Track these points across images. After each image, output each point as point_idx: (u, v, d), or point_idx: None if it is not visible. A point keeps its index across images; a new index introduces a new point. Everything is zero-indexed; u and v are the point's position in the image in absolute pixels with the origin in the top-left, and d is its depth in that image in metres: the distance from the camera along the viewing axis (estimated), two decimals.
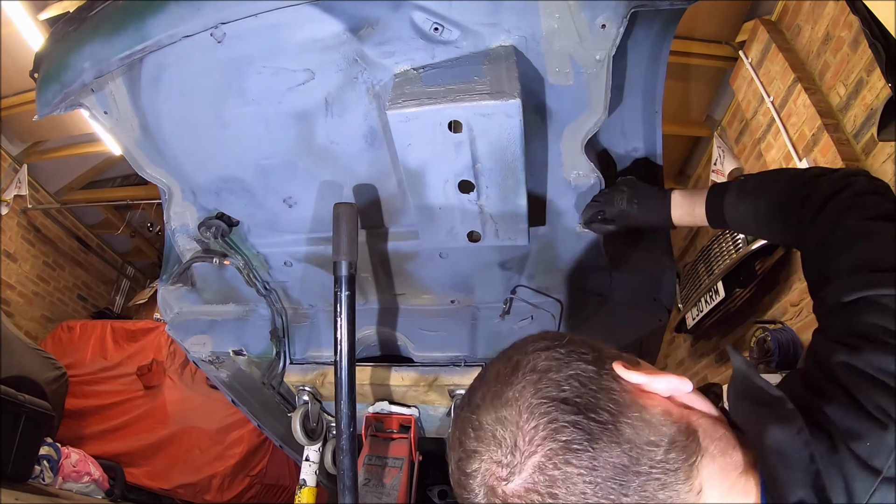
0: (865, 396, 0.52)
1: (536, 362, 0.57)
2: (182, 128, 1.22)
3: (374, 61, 1.04)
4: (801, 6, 2.99)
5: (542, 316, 1.49)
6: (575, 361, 0.56)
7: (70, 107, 1.20)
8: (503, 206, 1.12)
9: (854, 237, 0.70)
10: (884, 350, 0.54)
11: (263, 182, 1.29)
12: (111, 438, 4.05)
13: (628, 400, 0.55)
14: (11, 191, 4.98)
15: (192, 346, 1.69)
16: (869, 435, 0.51)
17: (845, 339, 0.58)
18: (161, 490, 3.87)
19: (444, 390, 1.49)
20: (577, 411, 0.52)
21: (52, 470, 2.98)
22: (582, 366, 0.56)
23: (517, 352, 0.60)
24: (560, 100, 1.09)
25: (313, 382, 1.60)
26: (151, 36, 1.02)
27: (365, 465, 1.57)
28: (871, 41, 1.29)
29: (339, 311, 1.19)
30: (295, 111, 1.13)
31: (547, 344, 0.59)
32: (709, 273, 3.67)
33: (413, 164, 1.05)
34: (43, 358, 2.99)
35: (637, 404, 0.55)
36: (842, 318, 0.61)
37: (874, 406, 0.52)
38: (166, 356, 4.35)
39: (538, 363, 0.56)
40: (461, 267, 1.48)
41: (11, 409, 2.28)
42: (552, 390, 0.54)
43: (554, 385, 0.54)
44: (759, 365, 3.17)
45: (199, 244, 1.55)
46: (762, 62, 3.17)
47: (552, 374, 0.55)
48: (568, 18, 0.95)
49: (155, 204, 5.35)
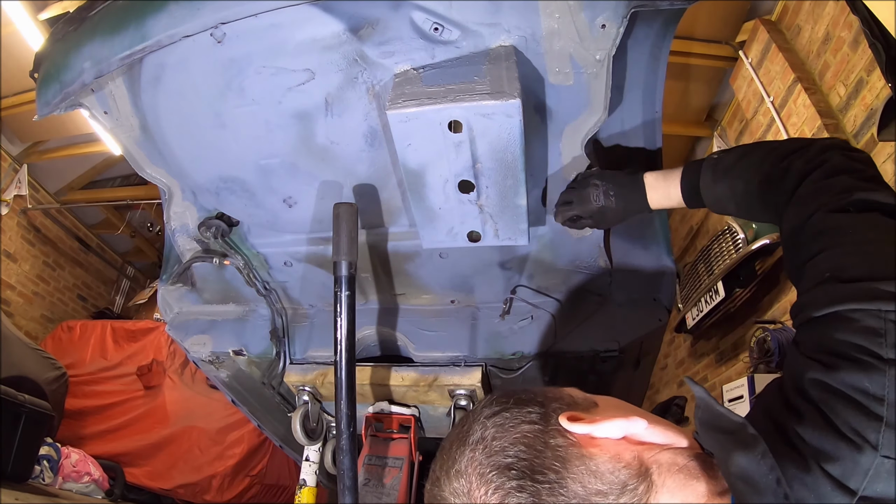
0: (838, 416, 0.51)
1: (483, 432, 0.58)
2: (182, 128, 1.22)
3: (374, 61, 1.04)
4: (801, 6, 2.99)
5: (542, 316, 1.49)
6: (521, 424, 0.58)
7: (70, 107, 1.20)
8: (503, 206, 1.12)
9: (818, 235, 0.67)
10: (856, 367, 0.52)
11: (263, 182, 1.29)
12: (111, 438, 4.05)
13: (574, 453, 0.55)
14: (11, 191, 4.98)
15: (192, 346, 1.69)
16: (843, 456, 0.49)
17: (817, 355, 0.56)
18: (161, 490, 3.87)
19: (444, 390, 1.49)
20: (521, 475, 0.54)
21: (52, 470, 2.98)
22: (526, 427, 0.57)
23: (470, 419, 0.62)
24: (560, 100, 1.09)
25: (313, 382, 1.60)
26: (151, 36, 1.02)
27: (365, 465, 1.57)
28: (871, 41, 1.30)
29: (339, 311, 1.19)
30: (295, 111, 1.13)
31: (494, 410, 0.60)
32: (709, 273, 3.68)
33: (413, 164, 1.05)
34: (43, 358, 2.99)
35: (584, 456, 0.55)
36: (813, 333, 0.59)
37: (847, 427, 0.50)
38: (166, 356, 4.35)
39: (485, 432, 0.58)
40: (461, 267, 1.48)
41: (11, 409, 2.28)
42: (498, 457, 0.55)
43: (499, 452, 0.56)
44: (759, 365, 3.17)
45: (199, 244, 1.56)
46: (762, 62, 3.18)
47: (497, 443, 0.57)
48: (568, 18, 0.95)
49: (155, 204, 5.35)
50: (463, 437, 0.60)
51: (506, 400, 0.61)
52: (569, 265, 1.43)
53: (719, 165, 0.96)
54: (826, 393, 0.53)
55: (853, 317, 0.55)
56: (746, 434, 0.53)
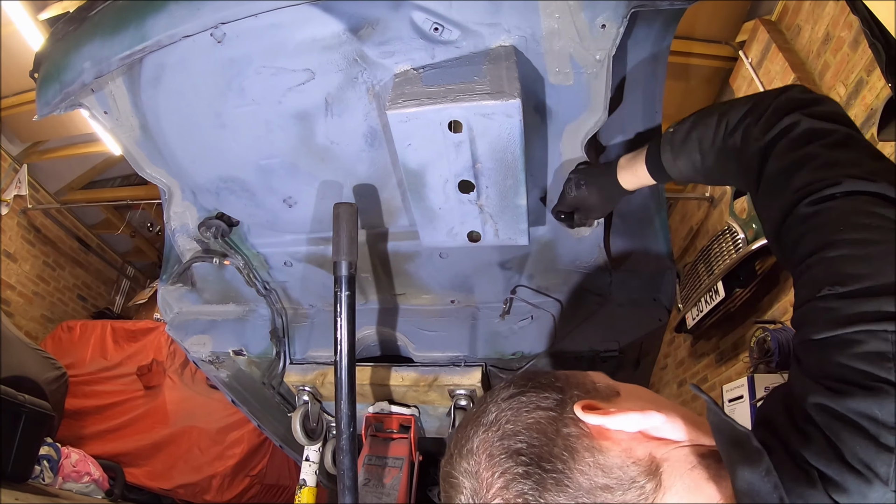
0: (845, 444, 0.48)
1: (499, 413, 0.58)
2: (182, 128, 1.22)
3: (374, 61, 1.04)
4: (801, 6, 2.99)
5: (542, 316, 1.49)
6: (535, 410, 0.58)
7: (70, 107, 1.20)
8: (503, 206, 1.12)
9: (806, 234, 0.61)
10: (864, 394, 0.48)
11: (263, 182, 1.29)
12: (111, 438, 4.05)
13: (585, 445, 0.55)
14: (11, 191, 4.98)
15: (192, 346, 1.69)
16: (850, 488, 0.47)
17: (821, 379, 0.52)
18: (161, 490, 3.87)
19: (444, 390, 1.49)
20: (528, 462, 0.54)
21: (52, 470, 2.98)
22: (541, 413, 0.57)
23: (487, 399, 0.62)
24: (560, 100, 1.09)
25: (313, 382, 1.60)
26: (151, 36, 1.02)
27: (365, 465, 1.57)
28: (871, 41, 1.29)
29: (339, 311, 1.19)
30: (295, 111, 1.13)
31: (511, 392, 0.60)
32: (709, 273, 3.67)
33: (413, 164, 1.05)
34: (43, 358, 2.99)
35: (593, 449, 0.55)
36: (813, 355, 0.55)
37: (855, 458, 0.47)
38: (166, 356, 4.36)
39: (500, 414, 0.58)
40: (461, 267, 1.48)
41: (11, 409, 2.28)
42: (509, 441, 0.56)
43: (511, 436, 0.56)
44: (759, 365, 3.17)
45: (199, 244, 1.56)
46: (762, 62, 3.18)
47: (510, 426, 0.57)
48: (568, 18, 0.95)
49: (155, 204, 5.35)
50: (479, 417, 0.60)
51: (524, 383, 0.61)
52: (569, 265, 1.43)
53: (675, 140, 0.94)
54: (831, 419, 0.49)
55: (857, 339, 0.51)
56: (751, 447, 0.51)
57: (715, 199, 4.20)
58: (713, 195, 4.20)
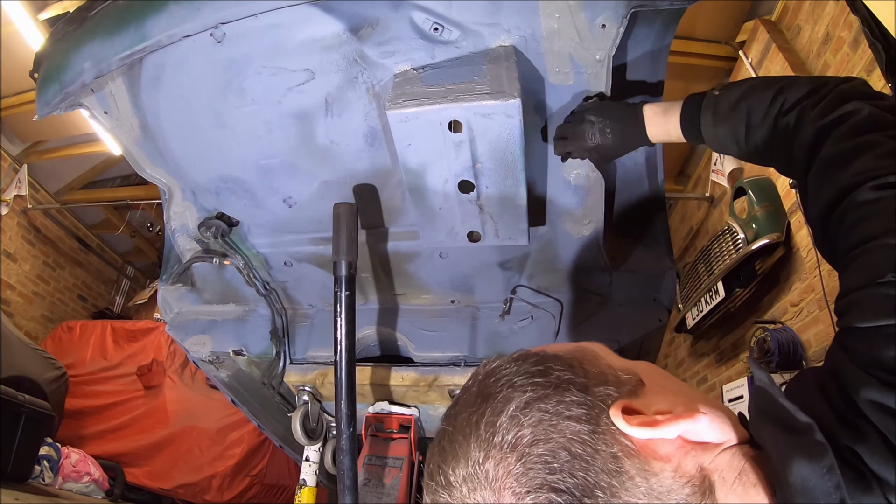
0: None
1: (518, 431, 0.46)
2: (182, 128, 1.22)
3: (374, 61, 1.04)
4: (801, 6, 2.99)
5: (542, 316, 1.49)
6: (564, 421, 0.46)
7: (70, 107, 1.20)
8: (503, 206, 1.12)
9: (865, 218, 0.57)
10: None
11: (263, 182, 1.29)
12: (111, 438, 4.05)
13: (634, 467, 0.45)
14: (11, 191, 4.98)
15: (192, 346, 1.69)
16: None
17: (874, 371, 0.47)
18: (161, 490, 3.87)
19: (444, 390, 1.49)
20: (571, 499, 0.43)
21: (52, 470, 2.98)
22: (573, 426, 0.46)
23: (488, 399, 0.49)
24: (560, 100, 1.09)
25: (313, 382, 1.60)
26: (151, 36, 1.02)
27: (365, 465, 1.58)
28: (871, 41, 1.29)
29: (339, 311, 1.19)
30: (295, 111, 1.13)
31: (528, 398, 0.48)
32: (709, 273, 3.67)
33: (413, 164, 1.05)
34: (43, 358, 2.99)
35: (645, 472, 0.45)
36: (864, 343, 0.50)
37: None
38: (166, 356, 4.35)
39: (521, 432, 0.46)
40: (461, 267, 1.48)
41: (11, 409, 2.28)
42: (541, 473, 0.44)
43: (541, 465, 0.44)
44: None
45: (199, 244, 1.55)
46: (762, 62, 3.17)
47: (537, 449, 0.45)
48: (568, 18, 0.95)
49: (155, 204, 5.34)
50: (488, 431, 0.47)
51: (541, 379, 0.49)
52: (569, 265, 1.43)
53: (720, 106, 0.88)
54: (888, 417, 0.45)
55: None
56: (812, 440, 0.45)
57: (715, 199, 4.20)
58: (713, 195, 4.19)
